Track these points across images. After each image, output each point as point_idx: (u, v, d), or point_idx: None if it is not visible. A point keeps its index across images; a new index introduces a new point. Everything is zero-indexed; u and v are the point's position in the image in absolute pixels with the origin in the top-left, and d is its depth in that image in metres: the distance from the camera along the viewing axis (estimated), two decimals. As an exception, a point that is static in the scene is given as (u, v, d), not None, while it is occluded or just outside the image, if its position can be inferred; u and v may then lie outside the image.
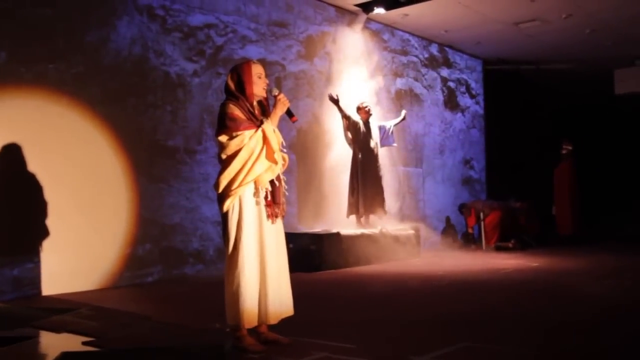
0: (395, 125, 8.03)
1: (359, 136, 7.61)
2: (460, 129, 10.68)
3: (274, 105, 3.31)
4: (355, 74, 8.37)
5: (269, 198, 3.21)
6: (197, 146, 6.58)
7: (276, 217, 3.24)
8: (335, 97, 7.47)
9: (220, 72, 6.73)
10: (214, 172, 6.38)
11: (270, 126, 3.22)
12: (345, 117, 7.57)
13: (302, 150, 7.73)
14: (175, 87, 6.45)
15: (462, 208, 9.74)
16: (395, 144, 8.04)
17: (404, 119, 8.10)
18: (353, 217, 7.68)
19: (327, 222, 7.79)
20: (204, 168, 6.56)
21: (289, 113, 3.34)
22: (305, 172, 7.76)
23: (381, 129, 7.87)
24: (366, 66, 8.58)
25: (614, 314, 4.07)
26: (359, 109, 7.75)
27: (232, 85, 3.24)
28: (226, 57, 6.85)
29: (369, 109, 7.74)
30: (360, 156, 7.59)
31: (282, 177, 3.31)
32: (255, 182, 3.17)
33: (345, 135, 7.64)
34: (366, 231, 7.38)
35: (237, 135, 3.12)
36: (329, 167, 7.96)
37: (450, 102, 10.48)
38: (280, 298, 3.20)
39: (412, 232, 8.01)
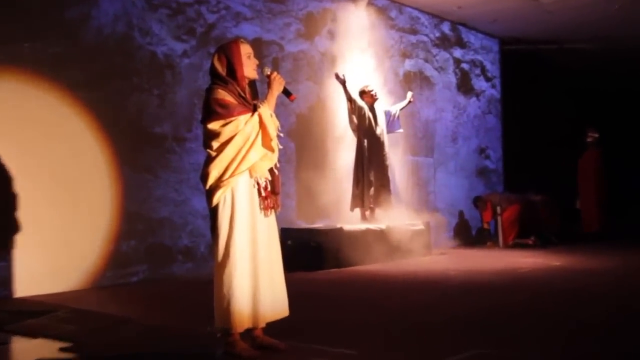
0: (401, 109, 8.01)
1: (364, 122, 7.60)
2: (474, 114, 10.66)
3: (269, 86, 3.29)
4: (360, 54, 8.34)
5: (269, 188, 3.21)
6: (187, 133, 6.58)
7: (272, 209, 3.24)
8: (342, 77, 7.46)
9: (212, 52, 6.69)
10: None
11: (267, 110, 3.21)
12: (350, 100, 7.56)
13: (302, 138, 7.71)
14: (162, 68, 6.43)
15: (477, 201, 9.73)
16: (401, 130, 8.04)
17: (410, 102, 8.08)
18: (357, 210, 7.67)
19: (329, 216, 7.79)
20: (195, 157, 6.55)
21: (286, 92, 3.33)
22: (306, 161, 7.75)
23: (387, 114, 7.86)
24: (372, 46, 8.54)
25: (641, 317, 4.05)
26: (363, 93, 7.73)
27: (220, 68, 3.22)
28: (219, 36, 6.82)
29: (374, 93, 7.73)
30: (365, 144, 7.59)
31: (277, 165, 3.30)
32: (249, 171, 3.17)
33: (350, 120, 7.63)
34: (372, 226, 7.37)
35: (231, 121, 3.12)
36: (331, 156, 7.94)
37: (464, 86, 10.45)
38: (273, 298, 3.19)
39: (422, 227, 8.00)
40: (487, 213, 9.51)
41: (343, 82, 7.46)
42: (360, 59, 8.30)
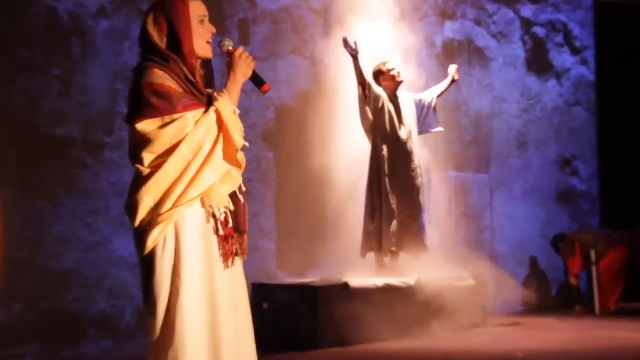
0: (440, 95, 8.02)
1: (382, 119, 7.61)
2: (554, 106, 10.70)
3: (231, 68, 3.31)
4: (375, 15, 8.35)
5: (230, 224, 3.24)
6: (106, 137, 6.64)
7: (237, 256, 3.26)
8: (354, 47, 7.40)
9: (144, 9, 6.72)
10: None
11: (229, 104, 3.24)
12: (364, 84, 7.51)
13: (284, 145, 7.75)
14: (67, 35, 6.48)
15: (560, 242, 9.71)
16: (440, 129, 8.07)
17: (454, 80, 8.09)
18: (372, 256, 7.69)
19: (327, 264, 7.81)
20: (118, 174, 6.60)
21: (257, 79, 3.36)
22: (291, 180, 7.78)
23: (418, 105, 7.88)
24: (393, 2, 8.56)
25: None
26: (380, 75, 7.74)
27: (156, 37, 3.24)
28: (154, -15, 6.89)
29: (397, 74, 7.75)
30: (384, 153, 7.61)
31: (243, 188, 3.32)
32: (202, 200, 3.19)
33: (363, 116, 7.60)
34: (394, 281, 7.37)
35: (173, 121, 3.13)
36: (331, 171, 7.95)
37: (538, 62, 10.49)
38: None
39: (472, 282, 8.00)
40: (575, 260, 9.49)
41: (355, 54, 7.40)
42: (374, 22, 8.31)
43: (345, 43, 7.38)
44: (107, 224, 6.59)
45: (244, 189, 3.31)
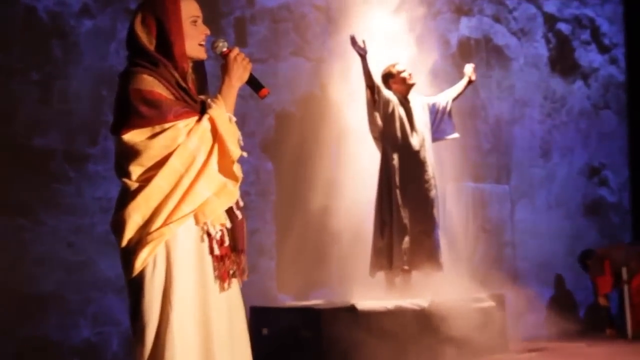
0: (455, 98, 8.01)
1: (392, 126, 7.61)
2: (581, 109, 10.71)
3: (225, 72, 3.31)
4: (385, 12, 8.35)
5: (227, 243, 3.24)
6: (90, 148, 6.64)
7: (235, 277, 3.27)
8: (363, 46, 7.42)
9: (131, 8, 6.73)
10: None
11: (223, 111, 3.24)
12: (372, 86, 7.51)
13: (285, 154, 7.75)
14: (47, 36, 6.48)
15: (588, 259, 9.71)
16: (456, 135, 8.06)
17: (470, 82, 8.08)
18: (381, 275, 7.68)
19: (332, 285, 7.83)
20: (103, 188, 6.61)
21: (254, 82, 3.37)
22: (292, 194, 7.78)
23: (431, 109, 7.88)
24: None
25: None
26: (389, 77, 7.73)
27: (145, 38, 3.25)
28: (142, -19, 6.88)
29: (408, 76, 7.74)
30: (395, 162, 7.60)
31: (240, 203, 3.32)
32: (195, 217, 3.19)
33: (371, 122, 7.59)
34: (405, 303, 7.36)
35: (163, 131, 3.14)
36: (338, 183, 7.98)
37: (563, 61, 10.51)
38: None
39: (491, 304, 7.99)
40: (604, 279, 9.48)
41: (363, 54, 7.42)
42: (384, 19, 8.32)
43: (353, 41, 7.37)
44: (91, 243, 6.58)
45: (241, 203, 3.32)
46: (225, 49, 3.33)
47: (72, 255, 6.50)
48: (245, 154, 3.24)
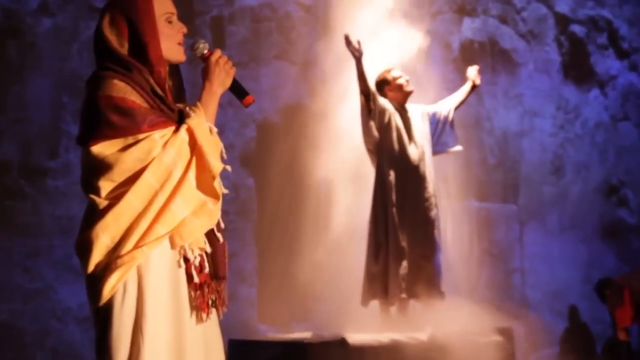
0: (458, 106, 8.05)
1: (388, 137, 7.64)
2: (597, 121, 10.73)
3: (206, 77, 3.33)
4: (379, 11, 8.36)
5: (206, 269, 3.26)
6: (49, 161, 6.69)
7: (214, 307, 3.29)
8: (358, 47, 7.44)
9: (96, 6, 6.79)
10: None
11: (203, 120, 3.26)
12: (368, 93, 7.53)
13: (267, 169, 7.77)
14: (2, 36, 6.54)
15: (606, 288, 9.75)
16: (459, 147, 8.10)
17: (474, 87, 8.10)
18: (376, 304, 7.71)
19: (320, 316, 7.84)
20: (64, 206, 6.65)
21: (238, 89, 3.39)
22: (275, 213, 7.82)
23: (431, 119, 7.93)
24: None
25: None
26: (384, 84, 7.76)
27: (115, 40, 3.25)
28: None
29: (405, 82, 7.79)
30: (392, 177, 7.64)
31: (222, 224, 3.33)
32: (171, 240, 3.20)
33: (366, 132, 7.62)
34: (402, 336, 7.37)
35: (137, 142, 3.13)
36: (325, 200, 8.03)
37: (577, 67, 10.55)
38: None
39: (497, 338, 8.02)
40: (624, 311, 9.52)
41: (358, 55, 7.45)
42: (378, 19, 8.35)
43: (348, 41, 7.42)
44: (50, 268, 6.62)
45: (222, 225, 3.32)
46: (206, 51, 3.34)
47: (28, 282, 6.51)
48: (229, 168, 3.25)
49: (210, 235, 3.29)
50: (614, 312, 9.69)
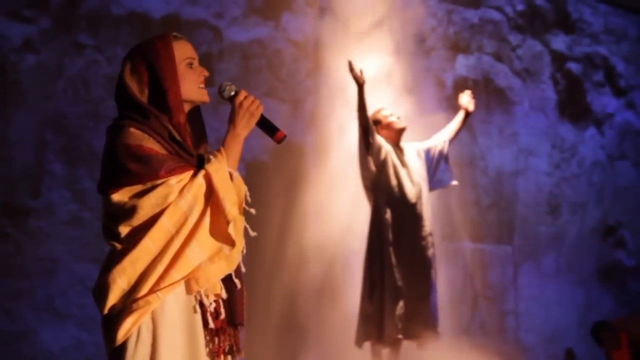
0: (453, 138, 8.05)
1: (385, 175, 7.65)
2: (594, 160, 10.77)
3: (230, 119, 3.40)
4: (370, 49, 8.40)
5: (222, 316, 3.30)
6: (32, 201, 6.69)
7: (231, 355, 3.32)
8: (360, 74, 7.39)
9: (81, 42, 6.84)
10: (67, 256, 6.46)
11: (222, 166, 3.31)
12: (367, 127, 7.52)
13: (256, 208, 7.78)
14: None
15: (603, 332, 9.75)
16: (455, 182, 8.12)
17: (467, 115, 8.09)
18: (368, 346, 7.65)
19: (308, 359, 7.85)
20: (47, 247, 6.64)
21: (267, 125, 3.43)
22: (263, 255, 7.82)
23: (426, 156, 7.95)
24: (393, 33, 8.64)
25: None
26: (377, 125, 7.74)
27: (135, 88, 3.31)
28: (93, 12, 6.99)
29: (396, 120, 7.82)
30: (388, 216, 7.65)
31: (242, 268, 3.40)
32: (188, 284, 3.24)
33: (363, 166, 7.63)
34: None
35: (154, 187, 3.18)
36: (317, 242, 8.04)
37: (573, 105, 10.60)
38: None
39: (494, 383, 8.04)
40: (621, 355, 9.54)
41: (361, 82, 7.37)
42: (369, 57, 8.33)
43: (351, 68, 7.41)
44: (31, 310, 6.59)
45: (243, 269, 3.39)
46: (233, 92, 3.40)
47: (8, 324, 6.49)
48: (253, 211, 3.42)
49: (227, 280, 3.34)
50: (610, 356, 9.70)
